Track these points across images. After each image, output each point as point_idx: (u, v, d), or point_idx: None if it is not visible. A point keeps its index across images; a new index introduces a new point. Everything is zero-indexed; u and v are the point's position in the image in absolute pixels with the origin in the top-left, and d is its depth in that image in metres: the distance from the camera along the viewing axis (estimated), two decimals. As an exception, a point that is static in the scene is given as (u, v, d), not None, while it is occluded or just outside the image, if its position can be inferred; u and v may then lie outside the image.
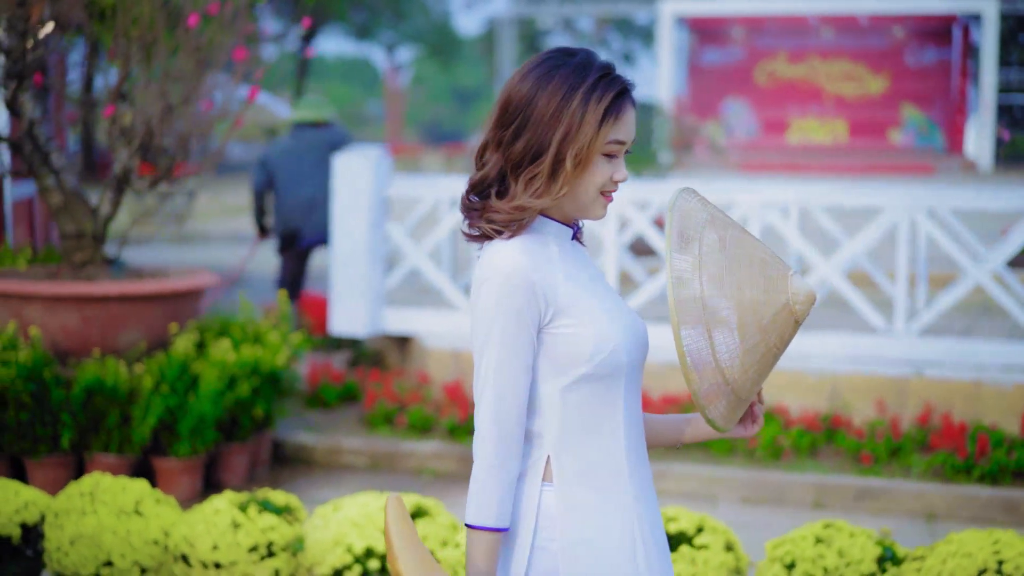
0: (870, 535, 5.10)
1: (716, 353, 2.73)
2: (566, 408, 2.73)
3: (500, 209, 2.71)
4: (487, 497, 2.67)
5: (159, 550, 5.36)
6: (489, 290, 2.67)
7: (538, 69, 2.74)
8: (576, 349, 2.70)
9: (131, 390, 7.44)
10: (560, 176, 2.69)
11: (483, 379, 2.69)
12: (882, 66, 31.90)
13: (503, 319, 2.66)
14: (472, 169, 2.83)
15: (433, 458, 8.18)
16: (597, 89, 2.70)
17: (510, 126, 2.72)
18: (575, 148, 2.68)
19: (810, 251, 8.78)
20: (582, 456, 2.74)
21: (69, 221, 7.99)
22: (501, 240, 2.71)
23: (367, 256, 9.36)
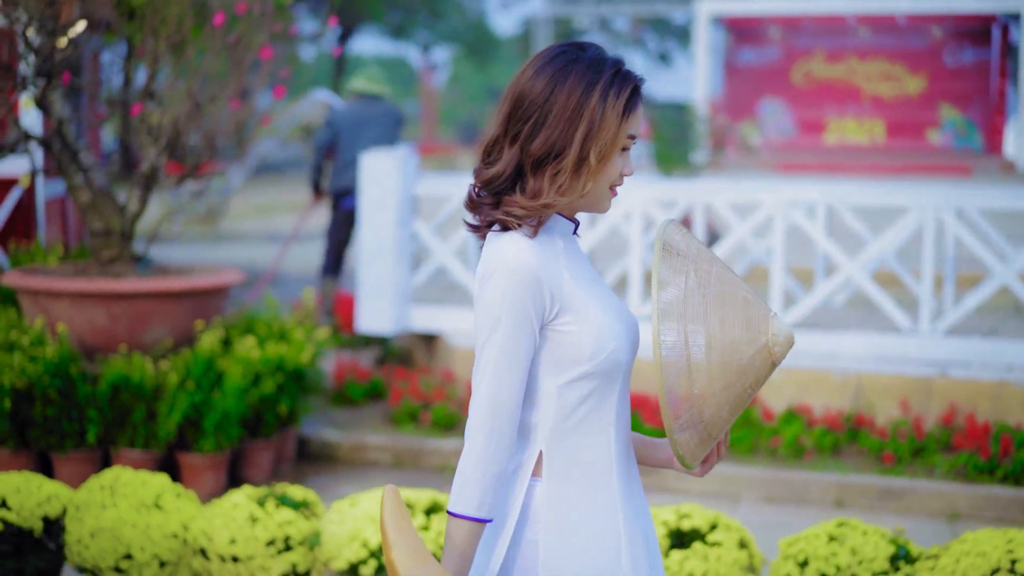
0: (884, 534, 5.10)
1: (693, 388, 2.73)
2: (563, 404, 2.76)
3: (525, 205, 2.73)
4: (472, 488, 2.69)
5: (178, 543, 5.41)
6: (496, 284, 2.69)
7: (552, 65, 2.75)
8: (578, 347, 2.73)
9: (157, 386, 7.51)
10: (584, 172, 2.73)
11: (482, 371, 2.71)
12: (920, 66, 31.72)
13: (508, 314, 2.68)
14: (478, 163, 2.84)
15: (456, 455, 8.21)
16: (614, 85, 2.74)
17: (526, 122, 2.74)
18: (599, 145, 2.71)
19: (835, 251, 8.77)
20: (573, 452, 2.78)
21: (97, 219, 8.07)
22: (510, 234, 2.73)
23: (394, 254, 9.40)
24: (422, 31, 40.74)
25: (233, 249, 19.28)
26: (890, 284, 10.76)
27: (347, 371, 9.28)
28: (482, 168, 2.81)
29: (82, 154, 8.01)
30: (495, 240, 2.75)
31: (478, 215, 2.81)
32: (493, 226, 2.79)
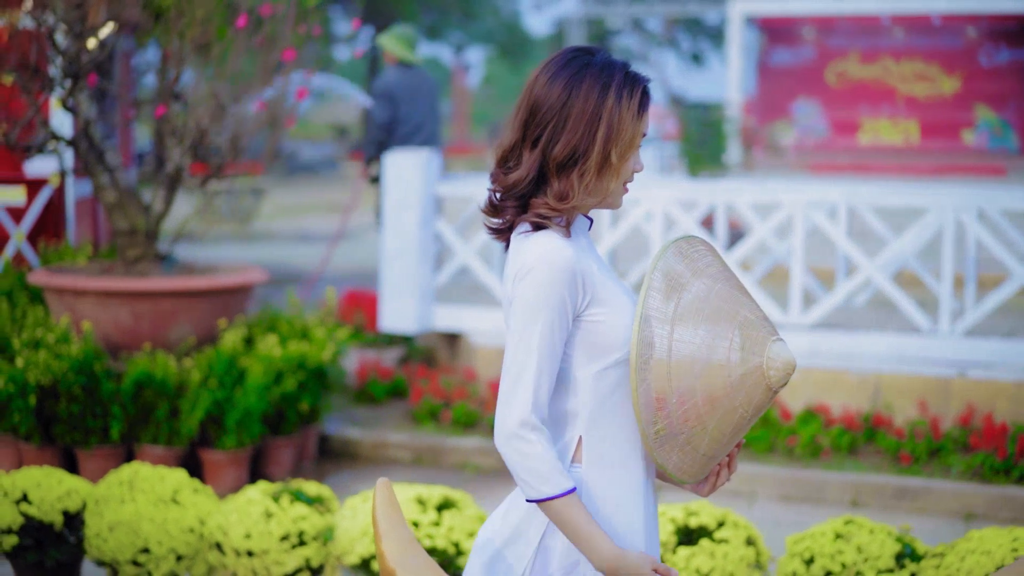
0: (890, 532, 5.15)
1: (671, 398, 2.82)
2: (599, 391, 2.87)
3: (554, 207, 2.85)
4: (547, 468, 2.76)
5: (195, 538, 5.50)
6: (536, 279, 2.78)
7: (566, 71, 2.87)
8: (611, 336, 2.85)
9: (180, 384, 7.61)
10: (607, 172, 2.86)
11: (520, 363, 2.79)
12: (955, 66, 31.59)
13: (549, 308, 2.78)
14: (495, 168, 2.94)
15: (476, 453, 8.29)
16: (626, 86, 2.87)
17: (546, 127, 2.85)
18: (619, 145, 2.85)
19: (854, 251, 8.80)
20: (608, 436, 2.90)
21: (122, 218, 8.18)
22: (545, 232, 2.84)
23: (417, 253, 9.48)
24: (455, 32, 40.83)
25: (265, 249, 19.41)
26: (912, 285, 10.77)
27: (370, 370, 9.36)
28: (500, 173, 2.92)
29: (108, 154, 8.12)
30: (528, 238, 2.85)
31: (500, 218, 2.93)
32: (516, 228, 2.90)
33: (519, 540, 2.93)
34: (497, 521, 3.01)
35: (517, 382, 2.79)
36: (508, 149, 2.91)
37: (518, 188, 2.87)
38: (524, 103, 2.89)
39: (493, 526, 3.01)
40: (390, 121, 10.55)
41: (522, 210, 2.89)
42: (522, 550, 2.92)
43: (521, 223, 2.89)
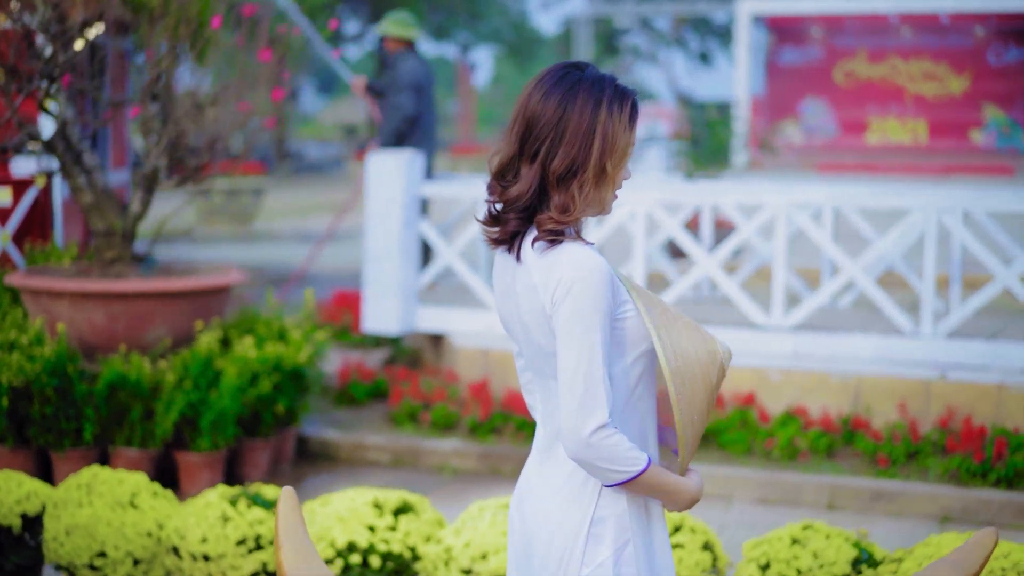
0: (848, 537, 5.10)
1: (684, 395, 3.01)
2: (627, 384, 3.02)
3: (558, 220, 2.95)
4: (630, 450, 2.89)
5: (152, 542, 5.48)
6: (585, 290, 2.89)
7: (560, 87, 2.98)
8: (637, 330, 2.99)
9: (154, 385, 7.59)
10: (605, 183, 2.99)
11: (587, 370, 2.89)
12: (964, 66, 31.49)
13: (601, 314, 2.90)
14: (492, 181, 3.05)
15: (454, 456, 8.26)
16: (616, 99, 2.99)
17: (543, 142, 2.96)
18: (615, 156, 2.98)
19: (837, 252, 8.75)
20: (634, 426, 3.05)
21: (99, 219, 8.16)
22: (574, 244, 2.94)
23: (399, 255, 9.46)
24: (463, 31, 40.80)
25: (265, 249, 19.41)
26: (900, 287, 10.72)
27: (351, 371, 9.34)
28: (499, 187, 3.03)
29: (85, 155, 8.10)
30: (558, 252, 2.94)
31: (501, 229, 3.03)
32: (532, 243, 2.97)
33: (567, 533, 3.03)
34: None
35: (588, 389, 2.88)
36: (506, 163, 3.01)
37: (520, 201, 2.98)
38: (520, 118, 3.00)
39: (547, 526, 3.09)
40: (417, 114, 10.53)
41: (526, 222, 2.99)
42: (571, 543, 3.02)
43: (536, 240, 2.98)
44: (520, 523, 3.17)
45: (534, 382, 3.19)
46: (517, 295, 3.04)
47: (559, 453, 3.07)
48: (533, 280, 2.97)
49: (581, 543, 3.00)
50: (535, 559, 3.09)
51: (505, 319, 3.13)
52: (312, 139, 49.02)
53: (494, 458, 8.20)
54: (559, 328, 2.92)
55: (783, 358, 8.66)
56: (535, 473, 3.15)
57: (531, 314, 3.01)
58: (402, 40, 10.83)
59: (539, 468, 3.14)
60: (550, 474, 3.09)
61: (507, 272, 3.08)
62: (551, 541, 3.04)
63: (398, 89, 10.58)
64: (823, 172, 27.47)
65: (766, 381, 8.62)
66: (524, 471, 3.22)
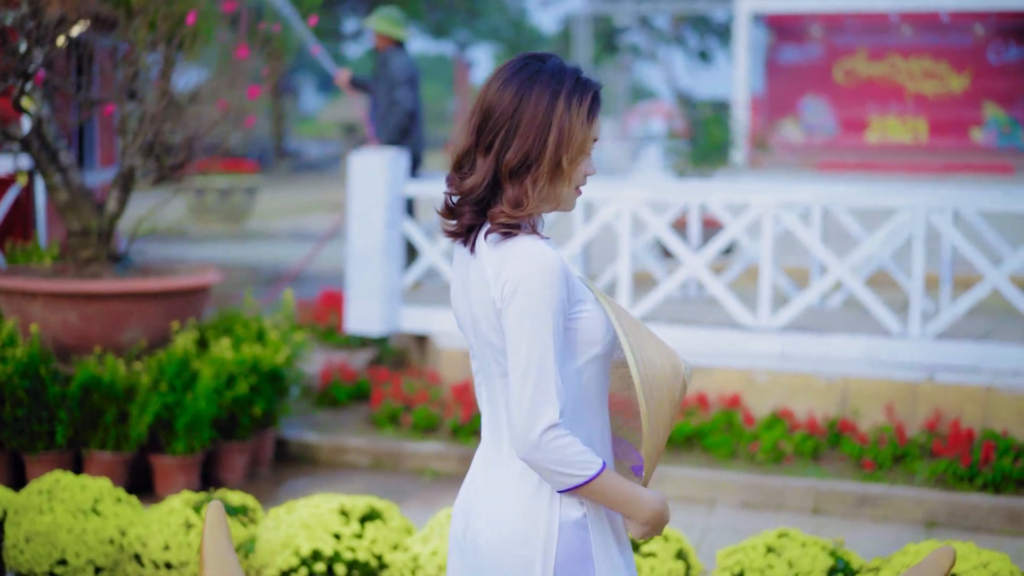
0: (824, 545, 4.98)
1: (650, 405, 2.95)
2: (580, 385, 2.91)
3: (510, 214, 2.85)
4: (582, 453, 2.80)
5: (114, 549, 5.36)
6: (534, 284, 2.80)
7: (517, 77, 2.89)
8: (593, 331, 2.90)
9: (129, 387, 7.47)
10: (559, 178, 2.89)
11: (538, 369, 2.79)
12: (964, 64, 31.32)
13: (552, 312, 2.81)
14: (451, 172, 2.95)
15: (435, 458, 8.14)
16: (576, 92, 2.89)
17: (498, 133, 2.86)
18: (570, 150, 2.87)
19: (824, 252, 8.63)
20: (588, 429, 2.94)
21: (75, 218, 8.04)
22: (526, 238, 2.85)
23: (382, 254, 9.34)
24: (462, 29, 40.66)
25: (259, 248, 19.29)
26: (891, 287, 10.61)
27: (333, 372, 9.21)
28: (456, 178, 2.93)
29: (61, 154, 7.98)
30: (510, 246, 2.85)
31: (457, 221, 2.93)
32: (485, 235, 2.89)
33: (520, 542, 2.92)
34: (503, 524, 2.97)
35: (538, 388, 2.79)
36: (463, 154, 2.92)
37: (474, 194, 2.89)
38: (477, 108, 2.90)
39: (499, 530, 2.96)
40: (416, 108, 10.44)
41: (480, 215, 2.90)
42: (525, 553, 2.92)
43: (489, 234, 2.89)
44: (463, 532, 3.04)
45: (485, 380, 3.07)
46: (471, 289, 2.94)
47: (506, 457, 2.96)
48: (486, 274, 2.88)
49: (538, 553, 2.89)
50: (484, 570, 2.97)
51: (459, 315, 3.04)
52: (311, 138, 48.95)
53: (475, 461, 8.07)
54: (509, 324, 2.82)
55: (770, 359, 8.54)
56: (481, 479, 3.03)
57: (481, 308, 2.91)
58: (392, 39, 10.74)
59: (484, 474, 3.02)
60: (497, 480, 2.97)
61: (463, 265, 2.99)
62: (503, 551, 2.92)
63: (395, 85, 10.48)
64: (823, 171, 27.38)
65: (752, 383, 8.50)
66: (468, 476, 3.10)
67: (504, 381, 2.93)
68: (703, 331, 8.75)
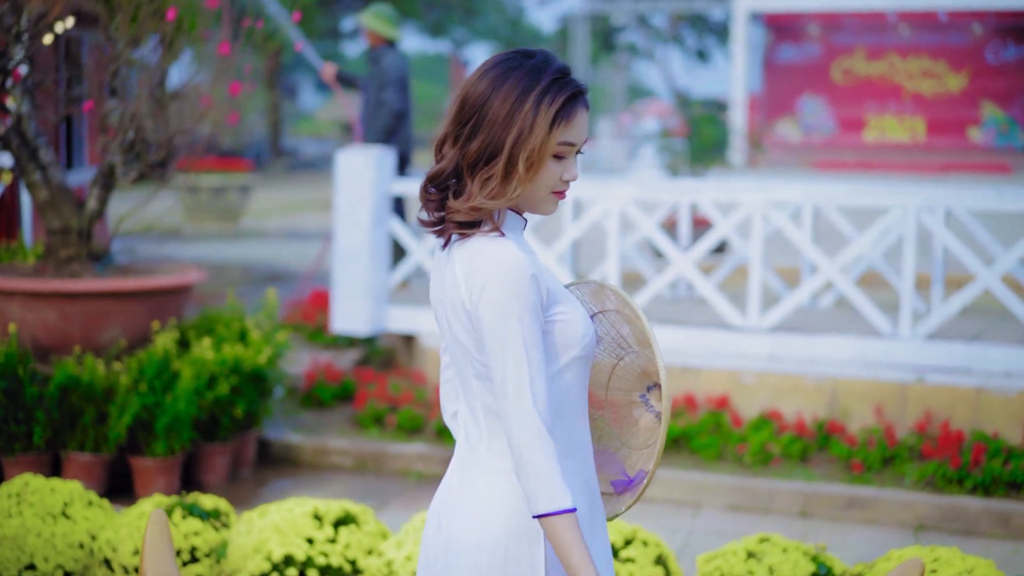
0: (806, 551, 4.89)
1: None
2: (559, 389, 2.83)
3: (458, 209, 2.78)
4: (554, 482, 2.68)
5: (84, 554, 5.27)
6: (499, 287, 2.72)
7: (495, 69, 2.81)
8: (571, 333, 2.82)
9: (108, 388, 7.37)
10: (513, 178, 2.77)
11: (511, 375, 2.72)
12: (962, 63, 31.22)
13: (520, 313, 2.72)
14: (432, 160, 2.88)
15: (419, 460, 8.05)
16: (549, 92, 2.78)
17: (466, 124, 2.79)
18: (526, 151, 2.76)
19: (814, 252, 8.53)
20: (567, 433, 2.86)
21: (55, 217, 7.95)
22: (490, 238, 2.78)
23: (369, 253, 9.24)
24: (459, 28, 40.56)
25: (252, 247, 19.19)
26: (882, 287, 10.51)
27: (318, 373, 9.11)
28: (433, 166, 2.87)
29: (42, 151, 7.88)
30: (476, 244, 2.79)
31: (426, 209, 2.87)
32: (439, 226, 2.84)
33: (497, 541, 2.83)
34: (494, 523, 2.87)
35: (521, 391, 2.71)
36: (440, 141, 2.86)
37: (436, 180, 2.84)
38: (457, 96, 2.85)
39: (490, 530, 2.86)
40: (404, 109, 10.36)
41: (441, 206, 2.84)
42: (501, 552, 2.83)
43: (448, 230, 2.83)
44: (435, 535, 2.95)
45: (455, 381, 3.02)
46: (445, 285, 2.87)
47: (484, 458, 2.86)
48: (455, 271, 2.81)
49: (524, 550, 2.81)
50: (461, 571, 2.87)
51: (435, 308, 2.95)
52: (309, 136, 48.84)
53: (460, 463, 7.97)
54: (483, 330, 2.75)
55: (758, 360, 8.44)
56: (457, 482, 2.93)
57: (452, 308, 2.83)
58: (383, 38, 10.64)
59: (461, 476, 2.92)
60: (479, 482, 2.87)
61: (439, 260, 2.92)
62: (479, 552, 2.83)
63: (384, 85, 10.38)
64: (821, 170, 27.30)
65: (740, 384, 8.40)
66: (444, 479, 3.00)
67: (480, 383, 2.84)
68: (691, 331, 8.65)
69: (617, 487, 3.09)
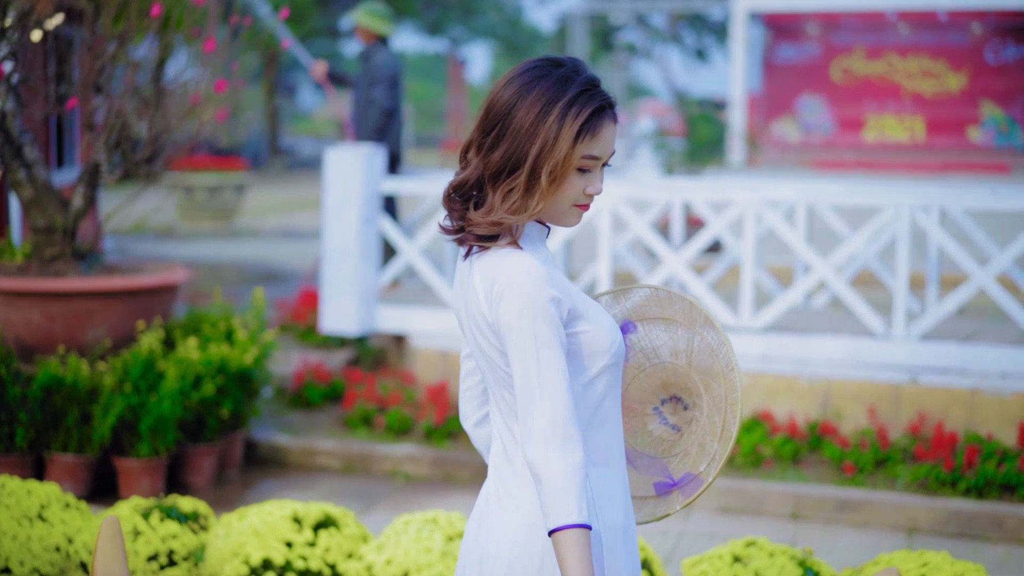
0: (793, 555, 4.80)
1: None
2: (590, 400, 2.80)
3: (478, 222, 2.74)
4: (573, 496, 2.62)
5: (60, 557, 5.18)
6: (516, 300, 2.69)
7: (521, 77, 2.75)
8: (597, 343, 2.78)
9: (92, 388, 7.29)
10: (536, 191, 2.72)
11: (532, 387, 2.68)
12: (961, 63, 31.17)
13: (538, 324, 2.68)
14: (458, 165, 2.84)
15: (407, 461, 7.96)
16: (575, 105, 2.72)
17: (490, 132, 2.75)
18: (550, 164, 2.70)
19: (807, 251, 8.44)
20: (601, 442, 2.84)
21: (40, 215, 7.86)
22: (508, 250, 2.73)
23: (358, 252, 9.16)
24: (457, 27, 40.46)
25: (247, 246, 19.11)
26: (878, 287, 10.43)
27: (307, 373, 9.02)
28: (459, 171, 2.83)
29: (26, 148, 7.80)
30: (494, 256, 2.74)
31: (450, 217, 2.83)
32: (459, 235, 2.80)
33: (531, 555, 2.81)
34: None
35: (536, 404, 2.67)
36: (466, 146, 2.83)
37: (461, 189, 2.79)
38: (484, 103, 2.81)
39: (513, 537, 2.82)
40: (394, 108, 10.29)
41: (462, 217, 2.80)
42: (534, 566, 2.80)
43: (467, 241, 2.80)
44: (473, 545, 2.91)
45: (477, 388, 3.04)
46: (467, 294, 2.84)
47: (519, 466, 2.83)
48: (475, 282, 2.78)
49: (550, 569, 2.77)
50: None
51: (458, 317, 2.93)
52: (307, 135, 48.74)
53: (448, 464, 7.90)
54: (506, 342, 2.72)
55: (751, 360, 8.35)
56: (493, 492, 2.90)
57: (474, 320, 2.81)
58: (376, 34, 10.56)
59: (497, 487, 2.89)
60: (510, 494, 2.84)
61: (462, 268, 2.87)
62: (512, 566, 2.80)
63: (374, 83, 10.30)
64: (820, 169, 27.24)
65: (733, 385, 8.30)
66: (482, 490, 2.97)
67: (510, 394, 2.81)
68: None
69: (659, 489, 3.09)
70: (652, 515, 3.09)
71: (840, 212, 9.21)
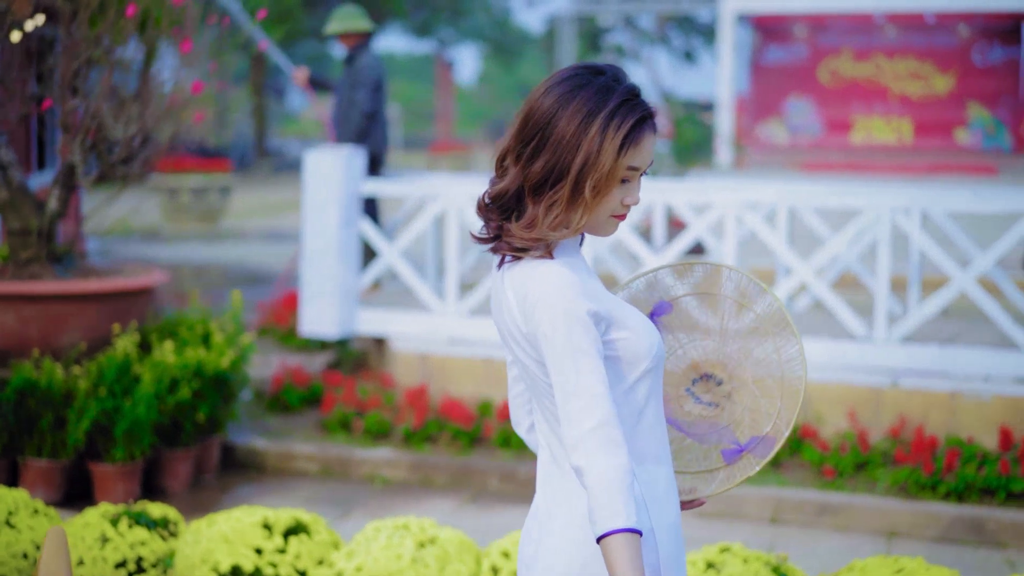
0: (767, 561, 4.76)
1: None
2: (632, 406, 2.78)
3: (519, 236, 2.71)
4: (620, 499, 2.57)
5: (28, 564, 5.12)
6: (549, 311, 2.66)
7: (562, 86, 2.71)
8: (636, 350, 2.75)
9: (66, 392, 7.23)
10: (579, 204, 2.69)
11: (571, 395, 2.64)
12: (948, 65, 31.19)
13: (573, 333, 2.65)
14: (493, 172, 2.82)
15: (385, 465, 7.91)
16: (617, 116, 2.68)
17: (530, 142, 2.70)
18: (594, 177, 2.67)
19: (787, 253, 8.40)
20: (648, 441, 2.81)
21: (15, 218, 7.80)
22: (539, 259, 2.70)
23: (337, 254, 9.10)
24: (446, 29, 40.42)
25: (231, 248, 19.04)
26: (860, 289, 10.39)
27: (285, 376, 8.96)
28: (495, 178, 2.80)
29: (1, 150, 7.73)
30: (527, 269, 2.71)
31: (485, 226, 2.81)
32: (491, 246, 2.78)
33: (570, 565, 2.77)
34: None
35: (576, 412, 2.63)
36: (502, 155, 2.78)
37: (500, 200, 2.75)
38: (522, 110, 2.76)
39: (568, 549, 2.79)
40: (375, 111, 10.23)
41: (500, 227, 2.76)
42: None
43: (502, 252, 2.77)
44: (527, 548, 2.89)
45: (524, 396, 3.00)
46: (501, 304, 2.81)
47: (567, 474, 2.80)
48: (508, 294, 2.76)
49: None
50: None
51: (497, 327, 2.89)
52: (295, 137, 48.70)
53: (426, 468, 7.84)
54: (543, 351, 2.69)
55: (732, 364, 8.29)
56: (542, 498, 2.87)
57: (510, 331, 2.79)
58: (358, 33, 10.51)
59: (545, 493, 2.86)
60: (567, 500, 2.80)
61: (496, 279, 2.84)
62: (575, 556, 2.75)
63: (357, 85, 10.25)
64: (808, 171, 27.23)
65: (713, 388, 8.26)
66: (535, 497, 2.95)
67: (551, 401, 2.79)
68: (664, 334, 8.51)
69: (727, 457, 3.08)
70: (729, 481, 3.08)
71: (823, 214, 9.16)
